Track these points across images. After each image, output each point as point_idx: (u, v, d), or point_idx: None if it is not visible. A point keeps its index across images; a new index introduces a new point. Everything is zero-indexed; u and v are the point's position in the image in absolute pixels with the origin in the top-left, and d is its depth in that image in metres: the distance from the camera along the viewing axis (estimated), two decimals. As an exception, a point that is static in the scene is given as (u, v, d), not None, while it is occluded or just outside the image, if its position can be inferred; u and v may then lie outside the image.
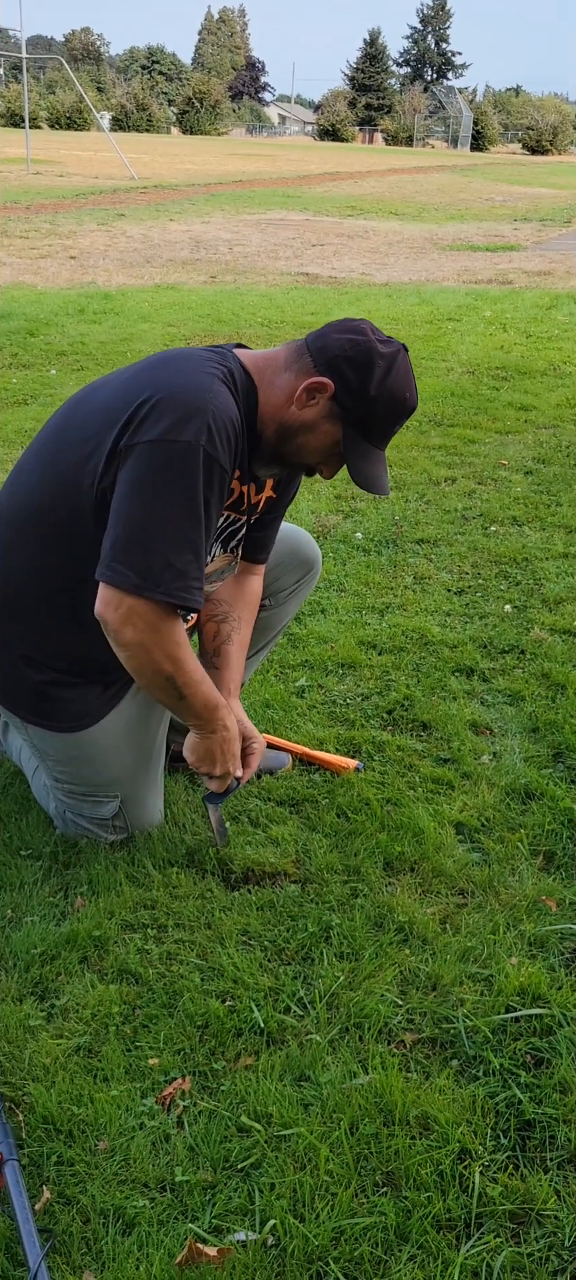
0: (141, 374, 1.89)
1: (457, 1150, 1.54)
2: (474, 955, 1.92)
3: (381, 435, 1.94)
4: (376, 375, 1.86)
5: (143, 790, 2.16)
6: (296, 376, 1.90)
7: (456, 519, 4.10)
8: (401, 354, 1.90)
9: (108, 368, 6.38)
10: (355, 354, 1.86)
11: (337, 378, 1.87)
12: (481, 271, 11.55)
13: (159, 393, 1.80)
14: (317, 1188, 1.49)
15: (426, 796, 2.38)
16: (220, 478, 1.81)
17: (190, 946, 1.93)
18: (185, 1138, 1.56)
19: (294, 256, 12.17)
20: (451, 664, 2.94)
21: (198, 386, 1.81)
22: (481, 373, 6.57)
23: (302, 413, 1.90)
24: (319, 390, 1.88)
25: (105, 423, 1.85)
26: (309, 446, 1.94)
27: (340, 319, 1.97)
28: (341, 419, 1.90)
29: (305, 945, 1.93)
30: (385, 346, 1.88)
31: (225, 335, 7.48)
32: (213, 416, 1.77)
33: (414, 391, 1.93)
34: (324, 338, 1.91)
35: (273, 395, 1.92)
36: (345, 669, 2.92)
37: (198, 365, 1.87)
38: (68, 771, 2.11)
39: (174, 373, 1.86)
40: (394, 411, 1.91)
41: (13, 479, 2.07)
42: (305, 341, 1.93)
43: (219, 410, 1.79)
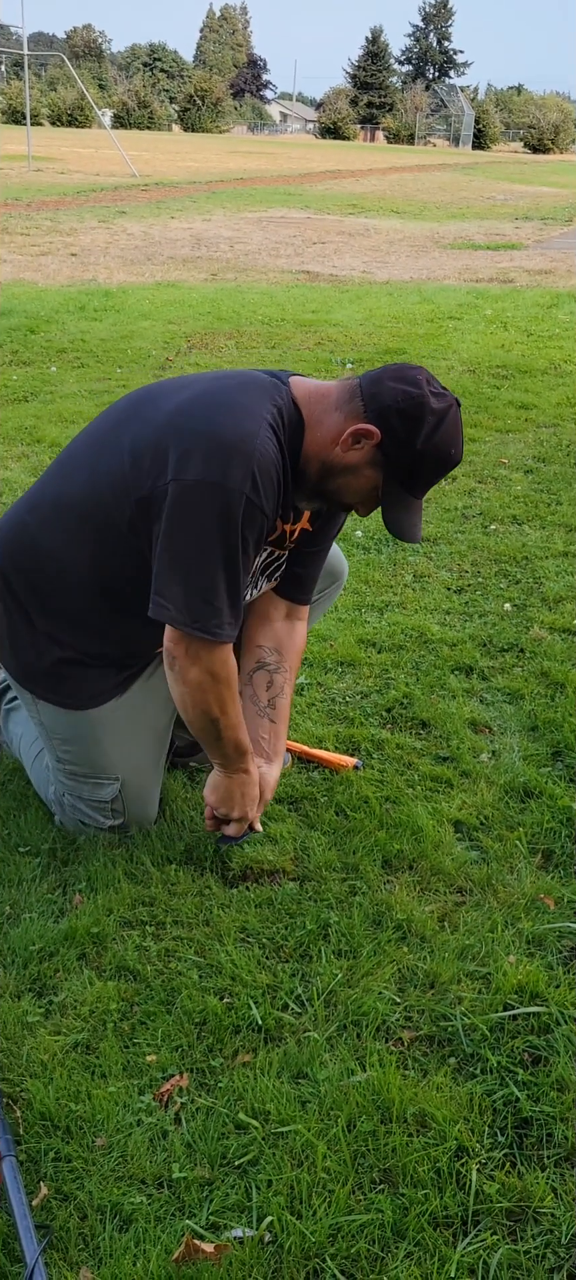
0: (197, 401, 1.90)
1: (455, 1148, 1.54)
2: (472, 953, 1.92)
3: (421, 487, 1.94)
4: (425, 430, 1.85)
5: (143, 777, 2.17)
6: (345, 419, 1.90)
7: (456, 517, 4.10)
8: (453, 409, 1.88)
9: (108, 365, 6.38)
10: (407, 406, 1.85)
11: (386, 427, 1.87)
12: (482, 270, 11.54)
13: (207, 429, 1.83)
14: (315, 1184, 1.49)
15: (425, 794, 2.38)
16: (261, 523, 1.86)
17: (188, 943, 1.93)
18: (183, 1134, 1.57)
19: (295, 254, 12.17)
20: (451, 662, 2.95)
21: (246, 429, 1.83)
22: (482, 371, 6.57)
23: (346, 455, 1.90)
24: (365, 437, 1.88)
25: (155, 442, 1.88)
26: (349, 488, 1.95)
27: (398, 364, 1.95)
28: (384, 467, 1.90)
29: (303, 943, 1.93)
30: (438, 401, 1.86)
31: (226, 333, 7.48)
32: (258, 463, 1.81)
33: (460, 447, 1.92)
34: (378, 384, 1.89)
35: (319, 433, 1.92)
36: (344, 667, 2.92)
37: (251, 402, 1.88)
38: (72, 751, 2.13)
39: (223, 408, 1.87)
40: (438, 466, 1.92)
41: (64, 463, 2.11)
42: (359, 383, 1.92)
43: (263, 456, 1.82)
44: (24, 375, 6.12)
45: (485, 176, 31.76)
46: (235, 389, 1.92)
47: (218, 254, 11.91)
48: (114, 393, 5.63)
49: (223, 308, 8.44)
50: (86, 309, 8.12)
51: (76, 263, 10.72)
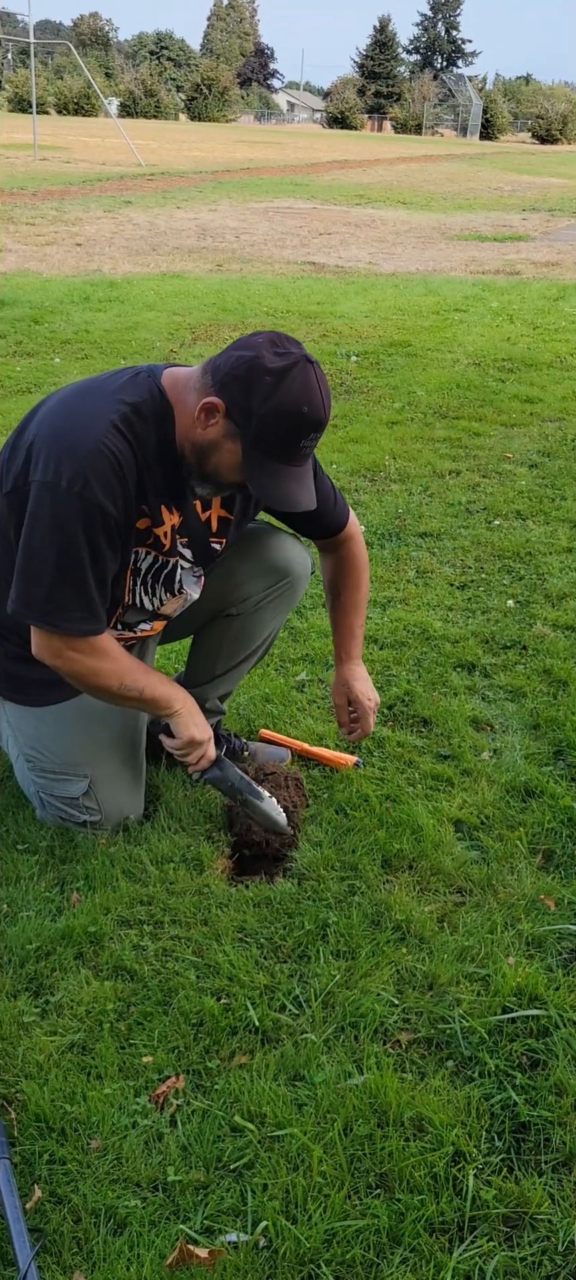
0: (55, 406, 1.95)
1: (452, 1153, 1.53)
2: (471, 955, 1.91)
3: (285, 451, 1.85)
4: (260, 391, 1.78)
5: (113, 771, 2.17)
6: (198, 396, 1.88)
7: (460, 512, 4.08)
8: (299, 366, 1.79)
9: (112, 357, 6.37)
10: (241, 370, 1.80)
11: (228, 396, 1.84)
12: (489, 262, 11.49)
13: (52, 432, 1.88)
14: (310, 1189, 1.48)
15: (425, 793, 2.36)
16: (103, 519, 1.86)
17: (186, 943, 1.92)
18: (178, 1137, 1.56)
19: (300, 245, 12.12)
20: (453, 659, 2.93)
21: (85, 430, 1.85)
22: (487, 364, 6.54)
23: (206, 433, 1.88)
24: (214, 410, 1.86)
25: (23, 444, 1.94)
26: (223, 464, 1.92)
27: (250, 334, 1.91)
28: (240, 438, 1.87)
29: (302, 943, 1.92)
30: (277, 360, 1.78)
31: (231, 325, 7.45)
32: (89, 463, 1.82)
33: (316, 405, 1.81)
34: (222, 356, 1.88)
35: (185, 415, 1.92)
36: (346, 663, 2.90)
37: (96, 404, 1.89)
38: (38, 749, 2.15)
39: (71, 412, 1.90)
40: (288, 427, 1.80)
41: None
42: (211, 360, 1.91)
43: (99, 454, 1.83)
44: (27, 366, 6.10)
45: (492, 167, 31.62)
46: (89, 391, 1.94)
47: (223, 244, 11.87)
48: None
49: (228, 299, 8.41)
50: (91, 299, 8.10)
51: (81, 253, 10.69)
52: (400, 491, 4.27)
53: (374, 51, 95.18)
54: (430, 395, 5.76)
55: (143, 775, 2.25)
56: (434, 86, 79.82)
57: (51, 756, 2.14)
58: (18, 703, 2.15)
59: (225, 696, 2.48)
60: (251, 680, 2.78)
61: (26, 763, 2.19)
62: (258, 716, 2.64)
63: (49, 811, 2.19)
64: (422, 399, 5.68)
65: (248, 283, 9.31)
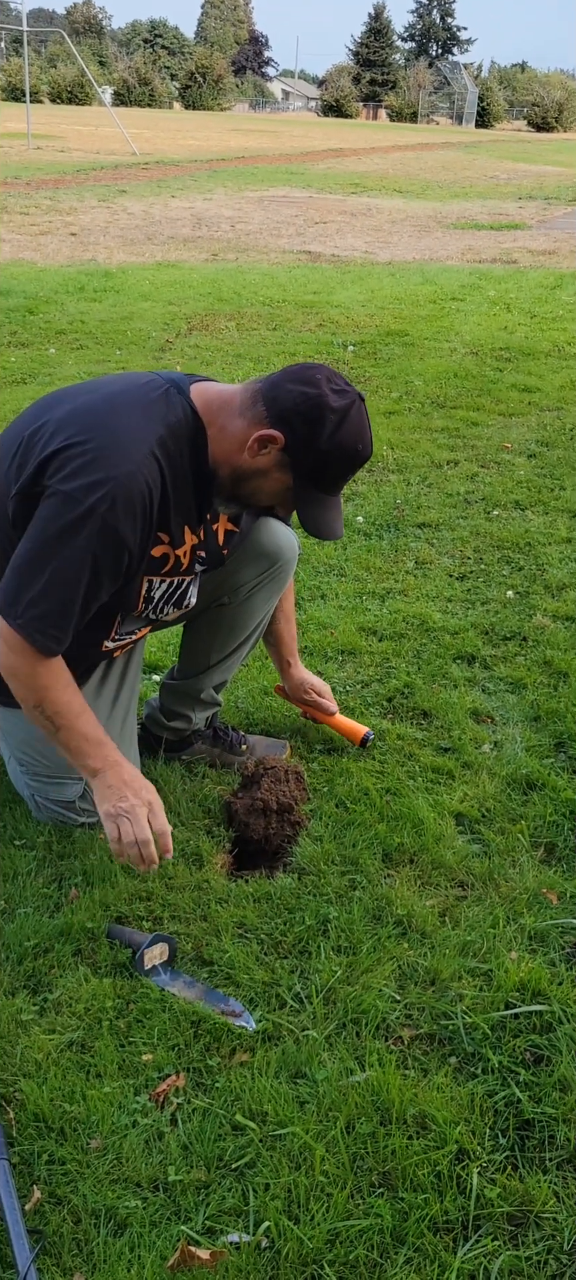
0: (82, 413, 1.87)
1: (455, 1150, 1.52)
2: (473, 949, 1.89)
3: (333, 485, 1.93)
4: (327, 430, 1.84)
5: None
6: (249, 425, 1.88)
7: (458, 503, 4.06)
8: (356, 405, 1.87)
9: (107, 347, 6.33)
10: (306, 408, 1.84)
11: (288, 431, 1.85)
12: (485, 250, 11.45)
13: (83, 443, 1.80)
14: (313, 1188, 1.46)
15: (426, 786, 2.35)
16: (116, 548, 1.81)
17: (186, 939, 1.90)
18: (179, 1135, 1.54)
19: (296, 234, 12.07)
20: (452, 651, 2.91)
21: (124, 453, 1.80)
22: (485, 354, 6.52)
23: (255, 460, 1.89)
24: (270, 442, 1.87)
25: (35, 443, 1.86)
26: (262, 490, 1.95)
27: (297, 365, 1.94)
28: (292, 469, 1.89)
29: (302, 938, 1.91)
30: (338, 399, 1.86)
31: (227, 314, 7.41)
32: (121, 487, 1.77)
33: (367, 443, 1.91)
34: (277, 388, 1.88)
35: (225, 439, 1.91)
36: (345, 656, 2.88)
37: (136, 423, 1.84)
38: (30, 753, 2.12)
39: (106, 427, 1.83)
40: (345, 464, 1.89)
41: None
42: (260, 388, 1.90)
43: (132, 480, 1.79)
44: (22, 357, 6.06)
45: (488, 155, 31.53)
46: (123, 407, 1.86)
47: (219, 234, 11.82)
48: (113, 375, 5.57)
49: (223, 289, 8.37)
50: (86, 289, 8.05)
51: (76, 242, 10.63)
52: (398, 482, 4.25)
53: (369, 39, 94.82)
54: (427, 385, 5.74)
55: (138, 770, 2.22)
56: (429, 74, 79.59)
57: (44, 760, 2.11)
58: (7, 705, 2.07)
59: (220, 687, 2.46)
60: (249, 673, 2.76)
61: (19, 765, 2.16)
62: (256, 709, 2.62)
63: (44, 814, 2.17)
64: (420, 389, 5.65)
65: (243, 272, 9.27)
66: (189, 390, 1.92)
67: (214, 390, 1.95)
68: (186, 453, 1.89)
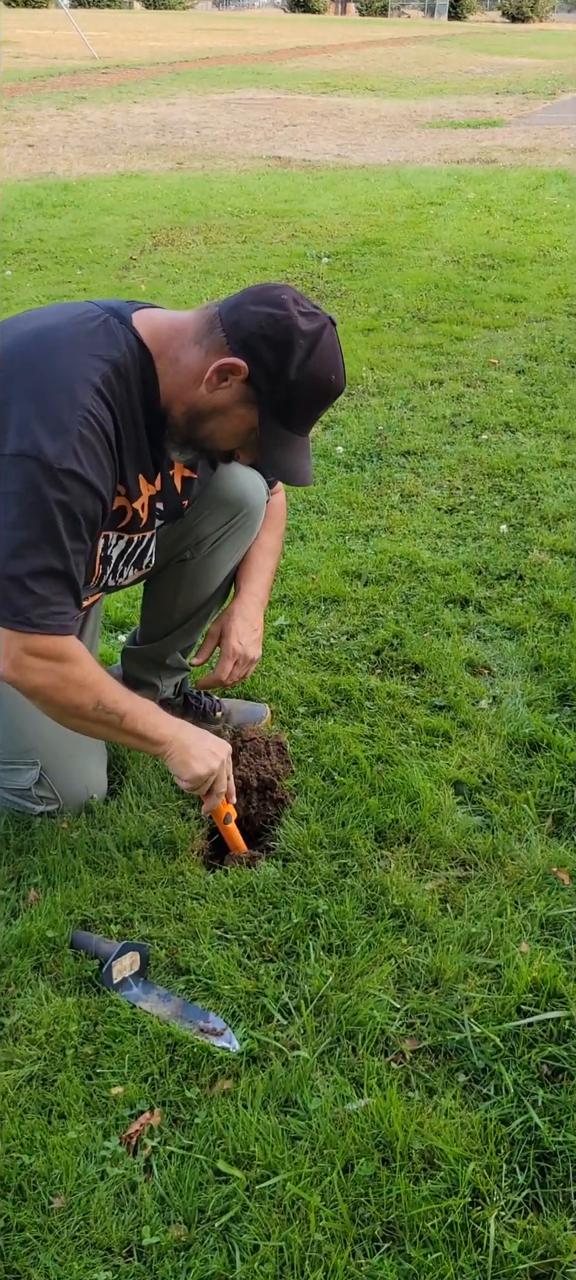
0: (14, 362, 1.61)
1: (469, 1194, 1.34)
2: (479, 942, 1.71)
3: (302, 422, 1.70)
4: (297, 358, 1.60)
5: (69, 750, 1.92)
6: (207, 354, 1.64)
7: (445, 427, 3.81)
8: (327, 330, 1.64)
9: (68, 267, 5.96)
10: (273, 332, 1.60)
11: (253, 359, 1.61)
12: (463, 150, 10.99)
13: (21, 397, 1.56)
14: (308, 1248, 1.28)
15: (420, 751, 2.14)
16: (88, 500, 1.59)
17: (159, 944, 1.70)
18: (154, 1186, 1.36)
19: (265, 139, 11.54)
20: (444, 594, 2.69)
21: (66, 395, 1.56)
22: (466, 261, 6.20)
23: (213, 396, 1.65)
24: (231, 372, 1.62)
25: None
26: (223, 431, 1.70)
27: (259, 285, 1.68)
28: (257, 404, 1.65)
29: (289, 938, 1.71)
30: (308, 322, 1.62)
31: (193, 228, 7.02)
32: (79, 436, 1.55)
33: (340, 373, 1.68)
34: (239, 310, 1.63)
35: (179, 372, 1.66)
36: (328, 604, 2.66)
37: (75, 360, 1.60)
38: None
39: (41, 373, 1.58)
40: (316, 397, 1.67)
41: None
42: (218, 311, 1.65)
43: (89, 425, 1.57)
44: (-24, 279, 5.69)
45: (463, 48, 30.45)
46: (57, 345, 1.62)
47: (183, 140, 11.27)
48: (73, 297, 5.23)
49: (189, 200, 7.94)
50: (44, 205, 7.62)
51: (34, 154, 10.09)
52: (379, 406, 3.98)
53: None
54: (407, 298, 5.43)
55: (104, 746, 2.01)
56: (399, -34, 76.66)
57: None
58: None
59: (188, 650, 2.23)
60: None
61: None
62: (233, 669, 2.39)
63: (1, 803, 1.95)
64: (399, 302, 5.35)
65: (210, 181, 8.82)
66: (131, 318, 1.66)
67: (162, 317, 1.69)
68: (135, 390, 1.64)
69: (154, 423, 1.69)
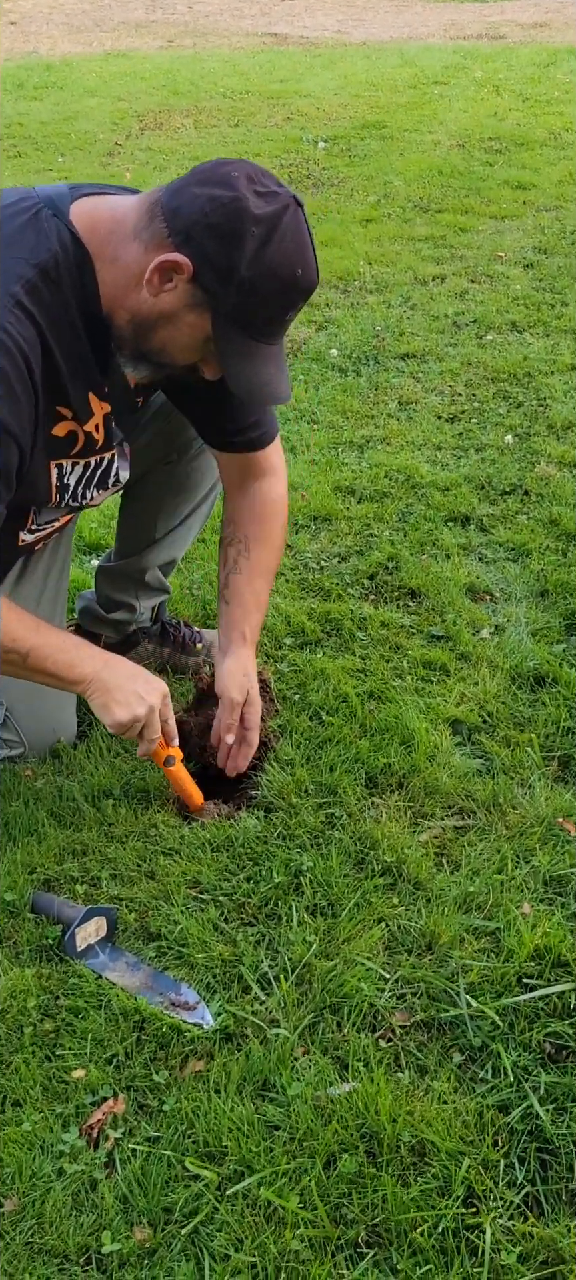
0: None
1: (463, 1194, 1.21)
2: (477, 902, 1.57)
3: (266, 327, 1.45)
4: (249, 247, 1.37)
5: (34, 696, 1.75)
6: (146, 250, 1.42)
7: (447, 326, 3.56)
8: (289, 212, 1.39)
9: (49, 154, 5.63)
10: (219, 219, 1.36)
11: (197, 253, 1.38)
12: (470, 25, 10.41)
13: None
14: (284, 1257, 1.16)
15: (416, 686, 1.98)
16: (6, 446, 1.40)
17: (128, 906, 1.57)
18: (116, 1184, 1.23)
19: (260, 15, 10.95)
20: (443, 511, 2.50)
21: None
22: (472, 145, 5.85)
23: (158, 301, 1.43)
24: (174, 271, 1.40)
25: None
26: (175, 343, 1.47)
27: (209, 162, 1.44)
28: (210, 307, 1.42)
29: (270, 899, 1.57)
30: (264, 203, 1.37)
31: (183, 110, 6.64)
32: None
33: (308, 265, 1.42)
34: (181, 194, 1.40)
35: (118, 273, 1.44)
36: (319, 523, 2.47)
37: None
38: None
39: None
40: (278, 296, 1.42)
41: None
42: (159, 198, 1.42)
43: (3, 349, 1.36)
44: (-49, 167, 5.37)
45: None
46: None
47: (174, 17, 10.69)
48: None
49: (179, 80, 7.51)
50: (25, 86, 7.21)
51: (16, 32, 9.57)
52: (377, 304, 3.73)
53: None
54: (409, 185, 5.12)
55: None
56: None
57: None
58: None
59: (169, 567, 2.06)
60: (204, 549, 2.35)
61: None
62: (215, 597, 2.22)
63: (-47, 749, 1.81)
64: (400, 190, 5.03)
65: (201, 60, 8.35)
66: (69, 208, 1.45)
67: (103, 207, 1.47)
68: (71, 297, 1.43)
69: (98, 331, 1.48)
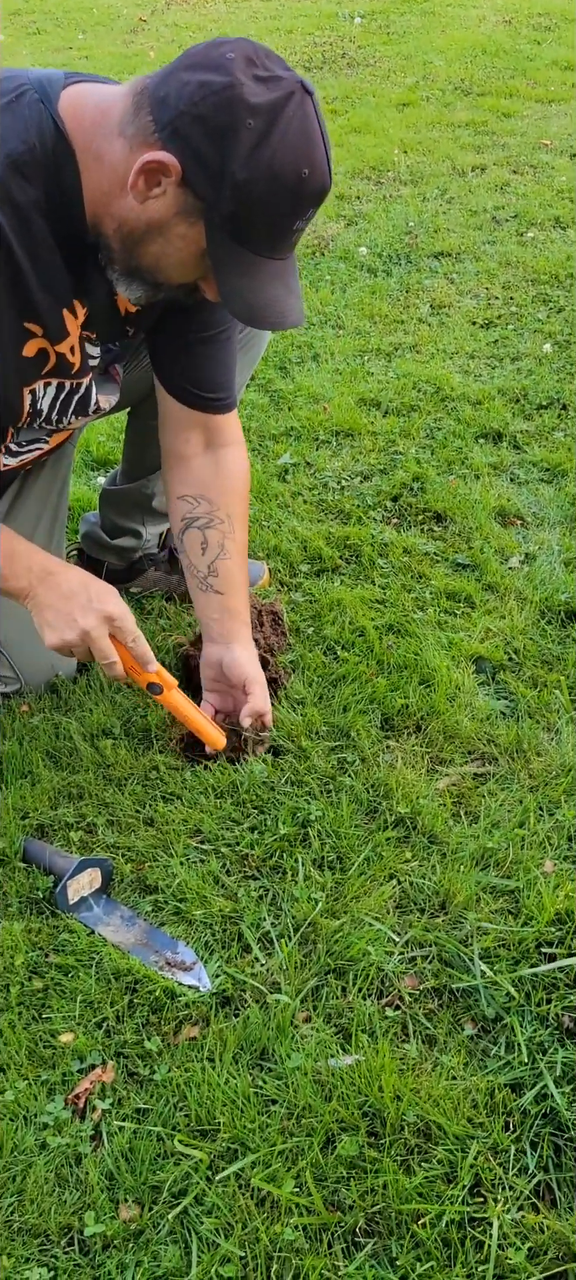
0: None
1: (469, 1182, 1.13)
2: (495, 858, 1.47)
3: (268, 237, 1.27)
4: (244, 142, 1.18)
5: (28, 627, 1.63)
6: (131, 148, 1.25)
7: (485, 222, 3.34)
8: (294, 101, 1.19)
9: (69, 30, 5.36)
10: (209, 109, 1.18)
11: (185, 151, 1.20)
12: None
13: None
14: (277, 1247, 1.09)
15: (439, 619, 1.86)
16: None
17: (125, 855, 1.48)
18: (102, 1159, 1.17)
19: None
20: (474, 427, 2.34)
21: None
22: (520, 22, 5.49)
23: (145, 208, 1.26)
24: (161, 172, 1.22)
25: None
26: (167, 259, 1.30)
27: (204, 43, 1.25)
28: (203, 215, 1.25)
29: (274, 851, 1.48)
30: (264, 90, 1.18)
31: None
32: None
33: (319, 164, 1.23)
34: (168, 81, 1.22)
35: (103, 175, 1.27)
36: (341, 438, 2.33)
37: None
38: None
39: None
40: (281, 201, 1.23)
41: None
42: (147, 85, 1.24)
43: None
44: (-32, 49, 5.13)
45: None
46: None
47: None
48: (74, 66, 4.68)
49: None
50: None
51: None
52: (412, 197, 3.50)
53: None
54: (450, 66, 4.80)
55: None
56: None
57: None
58: None
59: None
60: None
61: None
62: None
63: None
64: (440, 71, 4.73)
65: None
66: (58, 95, 1.28)
67: (91, 96, 1.30)
68: (43, 198, 1.27)
69: (75, 242, 1.33)
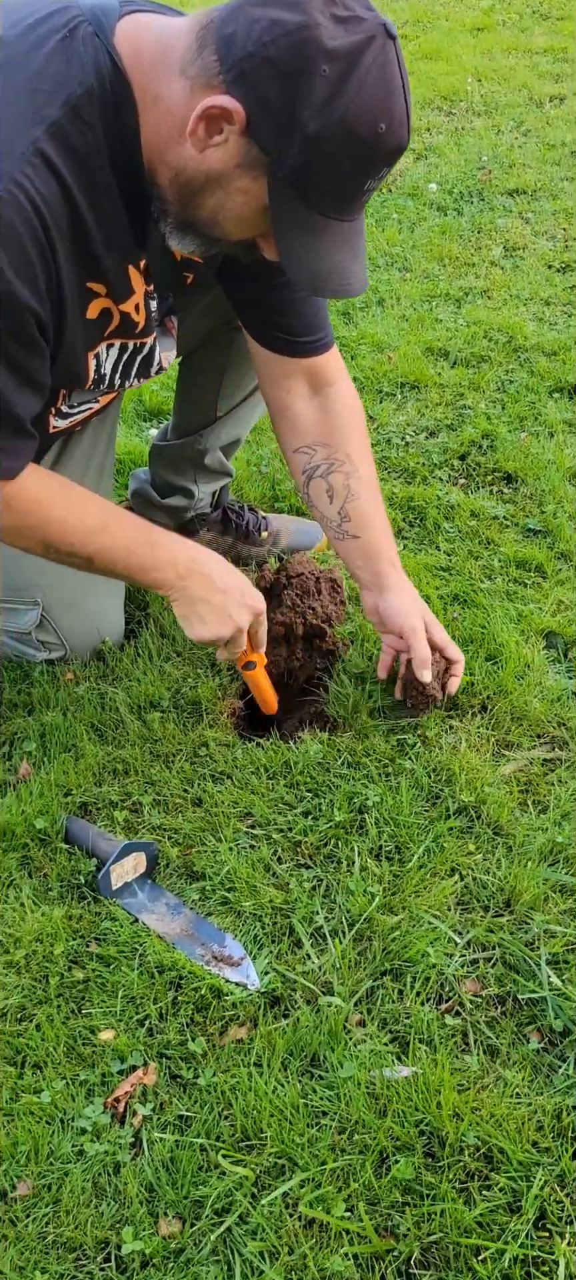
0: None
1: (533, 1215, 1.05)
2: (565, 854, 1.37)
3: (339, 196, 1.14)
4: (318, 91, 1.04)
5: (77, 585, 1.57)
6: (192, 90, 1.12)
7: (563, 157, 3.14)
8: (375, 46, 1.05)
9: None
10: (281, 51, 1.04)
11: (252, 96, 1.07)
12: None
13: None
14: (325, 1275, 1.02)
15: (507, 590, 1.74)
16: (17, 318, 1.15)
17: (172, 838, 1.41)
18: (142, 1169, 1.10)
19: None
20: (548, 380, 2.19)
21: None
22: None
23: (205, 157, 1.13)
24: (224, 119, 1.09)
25: None
26: (225, 213, 1.17)
27: None
28: (267, 170, 1.12)
29: (329, 839, 1.40)
30: (344, 32, 1.04)
31: None
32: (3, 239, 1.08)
33: (398, 118, 1.09)
34: (237, 16, 1.08)
35: (161, 118, 1.14)
36: (406, 390, 2.20)
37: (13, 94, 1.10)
38: None
39: None
40: (356, 157, 1.09)
41: None
42: (213, 21, 1.10)
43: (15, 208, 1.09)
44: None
45: None
46: None
47: None
48: None
49: None
50: None
51: None
52: (485, 130, 3.31)
53: None
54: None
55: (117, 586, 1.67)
56: None
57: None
58: None
59: (232, 448, 1.84)
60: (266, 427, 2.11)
61: None
62: (285, 476, 2.00)
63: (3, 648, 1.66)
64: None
65: None
66: (114, 25, 1.17)
67: (151, 29, 1.17)
68: (105, 144, 1.16)
69: (136, 191, 1.21)
